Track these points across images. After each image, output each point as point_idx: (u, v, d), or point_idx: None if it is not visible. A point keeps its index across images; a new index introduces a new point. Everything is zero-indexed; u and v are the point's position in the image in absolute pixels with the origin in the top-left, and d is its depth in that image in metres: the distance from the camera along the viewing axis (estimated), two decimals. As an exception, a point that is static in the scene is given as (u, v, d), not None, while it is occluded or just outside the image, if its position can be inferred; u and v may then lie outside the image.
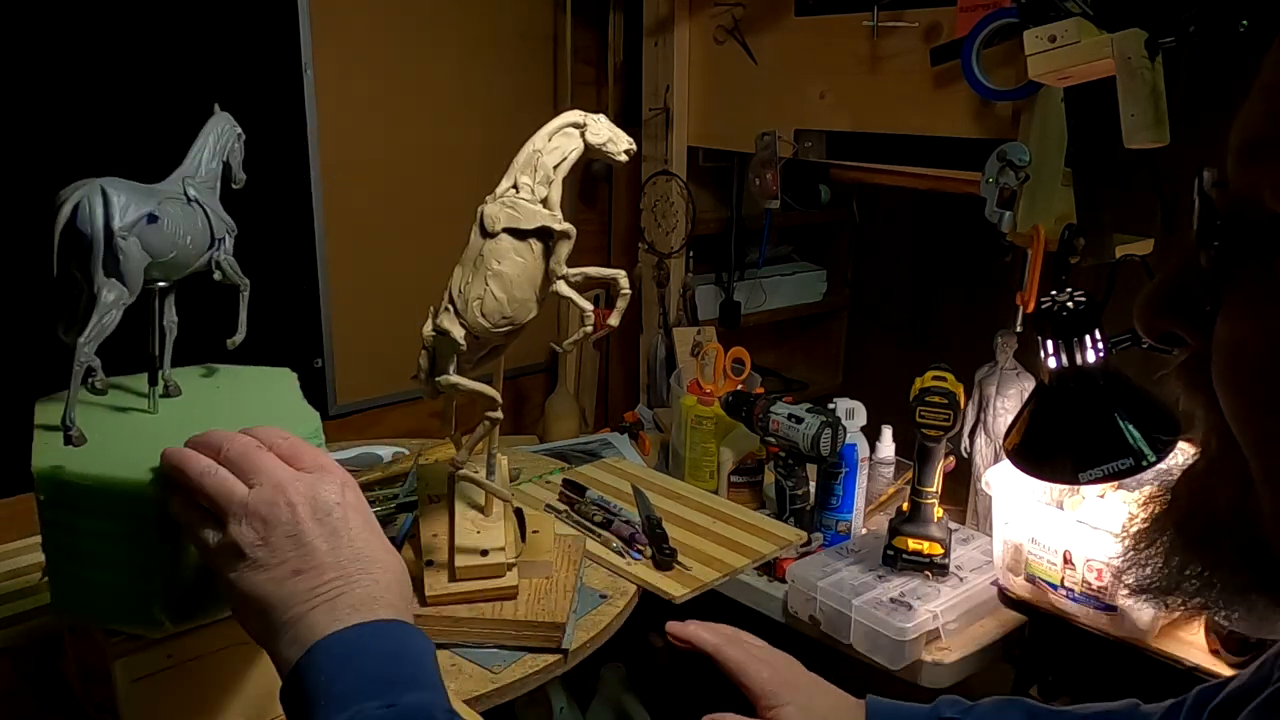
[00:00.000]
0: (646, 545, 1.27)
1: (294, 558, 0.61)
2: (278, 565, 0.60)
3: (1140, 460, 0.90)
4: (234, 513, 0.62)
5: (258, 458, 0.64)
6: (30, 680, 0.86)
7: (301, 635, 0.59)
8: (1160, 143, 1.15)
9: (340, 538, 0.62)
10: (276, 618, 0.60)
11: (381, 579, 0.62)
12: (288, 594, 0.60)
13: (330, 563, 0.61)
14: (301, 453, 0.66)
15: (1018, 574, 1.32)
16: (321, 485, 0.64)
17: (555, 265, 0.94)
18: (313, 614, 0.59)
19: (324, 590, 0.60)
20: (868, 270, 2.36)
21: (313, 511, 0.62)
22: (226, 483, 0.63)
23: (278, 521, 0.61)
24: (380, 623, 0.60)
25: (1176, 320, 0.40)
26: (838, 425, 1.45)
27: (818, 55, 1.67)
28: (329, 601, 0.60)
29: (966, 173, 1.47)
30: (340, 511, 0.63)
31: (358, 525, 0.64)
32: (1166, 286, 0.41)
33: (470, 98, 1.91)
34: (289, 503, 0.62)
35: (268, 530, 0.61)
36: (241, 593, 0.61)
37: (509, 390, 1.80)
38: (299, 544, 0.61)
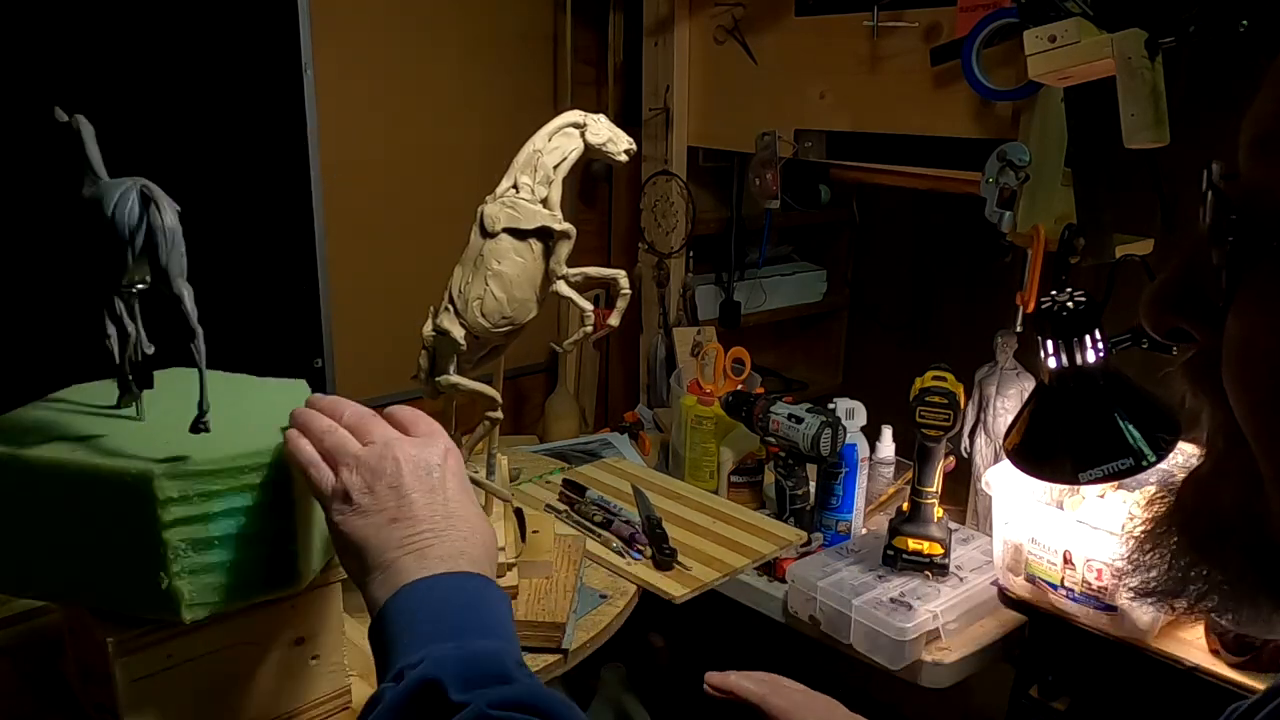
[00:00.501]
0: (646, 545, 1.27)
1: (393, 507, 0.66)
2: (378, 512, 0.66)
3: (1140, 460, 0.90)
4: (346, 463, 0.68)
5: (372, 422, 0.71)
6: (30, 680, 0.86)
7: (392, 578, 0.63)
8: (1160, 143, 1.15)
9: (436, 495, 0.67)
10: (371, 560, 0.64)
11: (470, 537, 0.67)
12: (384, 539, 0.65)
13: (425, 515, 0.66)
14: (417, 421, 0.73)
15: (1018, 574, 1.32)
16: (427, 448, 0.70)
17: (555, 265, 0.94)
18: (404, 559, 0.64)
19: (417, 539, 0.65)
20: (868, 270, 2.36)
21: (415, 469, 0.68)
22: (344, 439, 0.69)
23: (383, 473, 0.67)
24: (465, 574, 0.64)
25: (1185, 316, 0.39)
26: (838, 425, 1.46)
27: (818, 55, 1.67)
28: (419, 550, 0.64)
29: (966, 173, 1.47)
30: (440, 473, 0.69)
31: (454, 487, 0.69)
32: (1175, 282, 0.40)
33: (470, 98, 1.91)
34: (395, 458, 0.67)
35: (373, 479, 0.66)
36: (344, 533, 0.66)
37: (509, 390, 1.80)
38: (399, 495, 0.66)
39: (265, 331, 1.66)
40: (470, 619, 0.63)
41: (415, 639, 0.60)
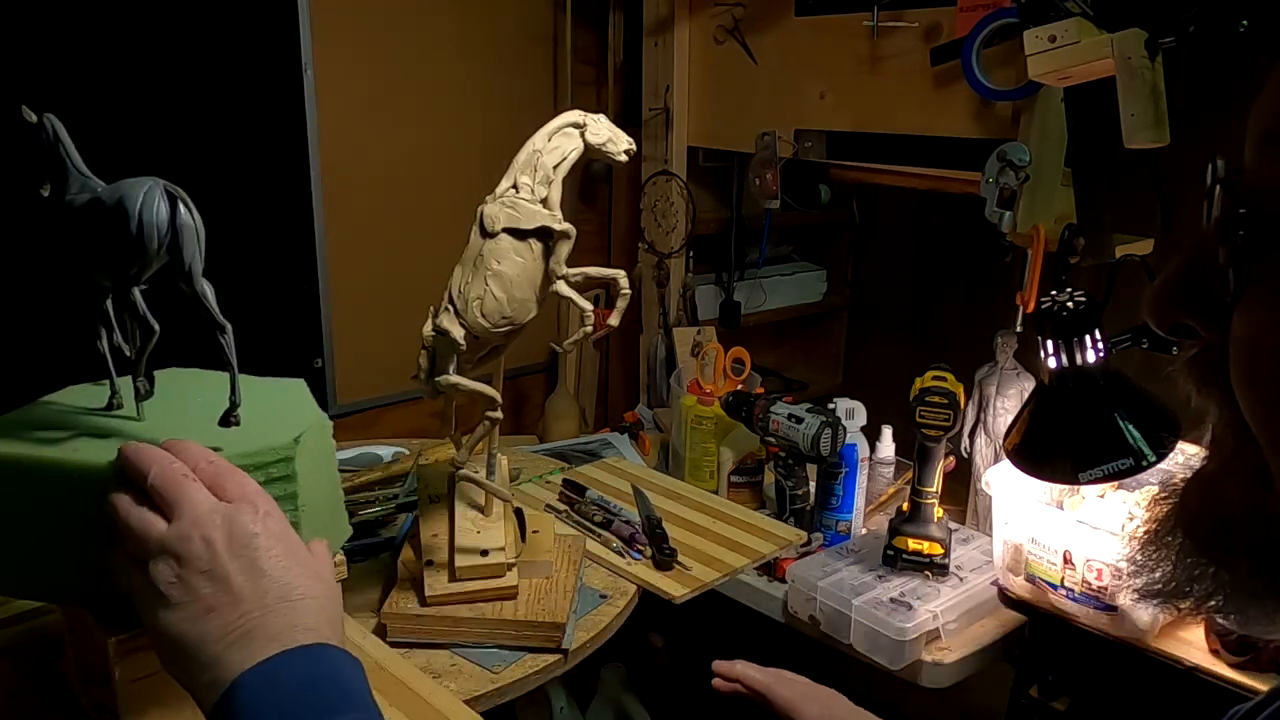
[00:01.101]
0: (646, 545, 1.27)
1: (209, 594, 0.59)
2: (192, 603, 0.59)
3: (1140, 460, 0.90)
4: (151, 552, 0.61)
5: (179, 488, 0.63)
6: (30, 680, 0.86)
7: (220, 675, 0.57)
8: (1160, 143, 1.15)
9: (259, 568, 0.60)
10: (194, 659, 0.58)
11: (303, 605, 0.61)
12: (202, 633, 0.58)
13: (248, 595, 0.59)
14: (224, 478, 0.65)
15: (1018, 574, 1.32)
16: (240, 515, 0.62)
17: (555, 265, 0.94)
18: (229, 651, 0.57)
19: (239, 625, 0.58)
20: (868, 270, 2.36)
21: (229, 544, 0.61)
22: (145, 521, 0.62)
23: (193, 558, 0.60)
24: (301, 649, 0.58)
25: (1190, 312, 0.39)
26: (838, 425, 1.45)
27: (818, 55, 1.67)
28: (244, 635, 0.58)
29: (966, 173, 1.47)
30: (259, 541, 0.61)
31: (279, 553, 0.62)
32: (1180, 278, 0.39)
33: (470, 98, 1.91)
34: (205, 538, 0.60)
35: (183, 568, 0.60)
36: (159, 633, 0.60)
37: (509, 390, 1.80)
38: (213, 579, 0.59)
39: (265, 331, 1.66)
40: (320, 700, 0.56)
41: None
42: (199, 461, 0.65)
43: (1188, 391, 0.41)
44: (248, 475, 0.67)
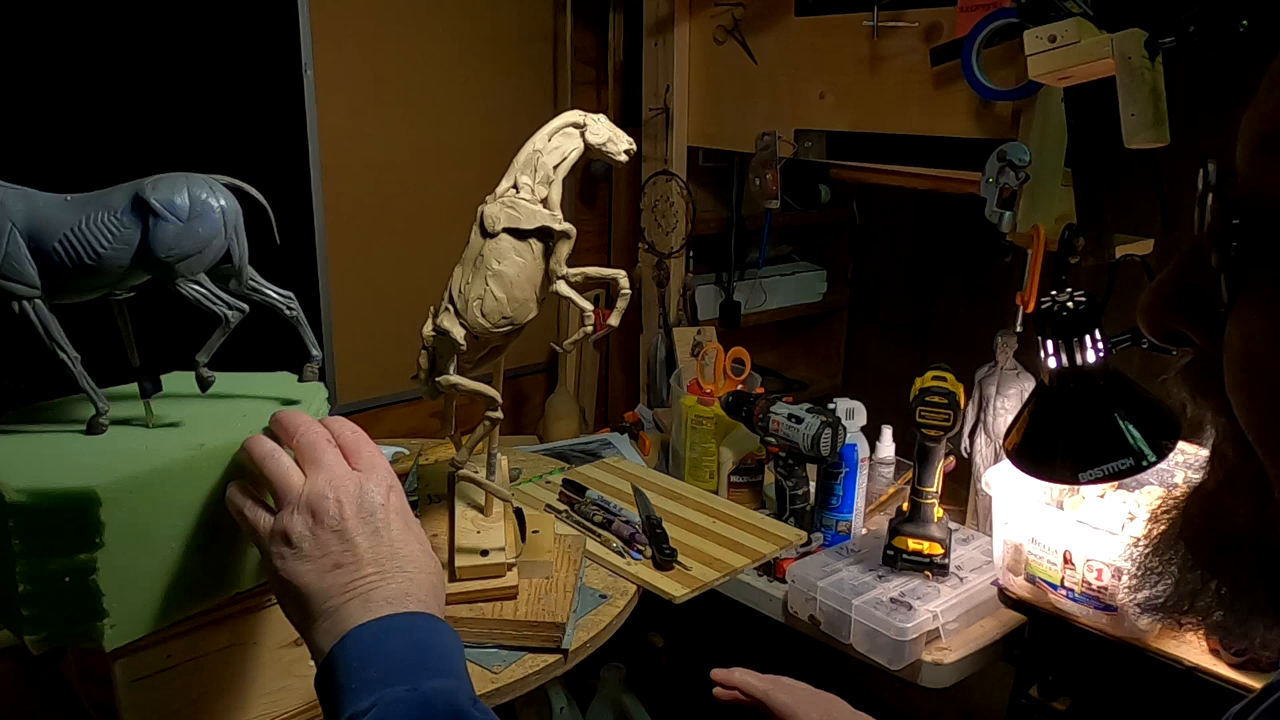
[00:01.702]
0: (646, 545, 1.27)
1: (337, 552, 0.64)
2: (321, 557, 0.63)
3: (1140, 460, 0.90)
4: (288, 502, 0.65)
5: (321, 451, 0.68)
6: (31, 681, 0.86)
7: (337, 625, 0.61)
8: (1160, 143, 1.15)
9: (381, 536, 0.65)
10: (315, 606, 0.63)
11: (416, 577, 0.65)
12: (327, 585, 0.63)
13: (369, 559, 0.64)
14: (361, 449, 0.70)
15: (1018, 574, 1.32)
16: (370, 485, 0.67)
17: (555, 265, 0.94)
18: (348, 605, 0.62)
19: (361, 584, 0.63)
20: (868, 270, 2.36)
21: (358, 510, 0.65)
22: (286, 472, 0.67)
23: (325, 515, 0.64)
24: (411, 614, 0.63)
25: (1184, 319, 0.39)
26: (838, 425, 1.45)
27: (818, 55, 1.67)
28: (364, 595, 0.63)
29: (966, 173, 1.47)
30: (384, 513, 0.66)
31: (398, 527, 0.67)
32: (1172, 285, 0.39)
33: (470, 98, 1.91)
34: (338, 499, 0.65)
35: (315, 524, 0.64)
36: (285, 579, 0.64)
37: (509, 390, 1.80)
38: (343, 539, 0.64)
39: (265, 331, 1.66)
40: (419, 660, 0.61)
41: (364, 685, 0.58)
42: (343, 430, 0.71)
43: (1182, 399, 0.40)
44: (380, 451, 0.71)
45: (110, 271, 0.73)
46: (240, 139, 1.61)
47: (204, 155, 1.56)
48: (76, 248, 0.71)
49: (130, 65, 1.49)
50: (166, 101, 1.52)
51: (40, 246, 0.70)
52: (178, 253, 0.73)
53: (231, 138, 1.60)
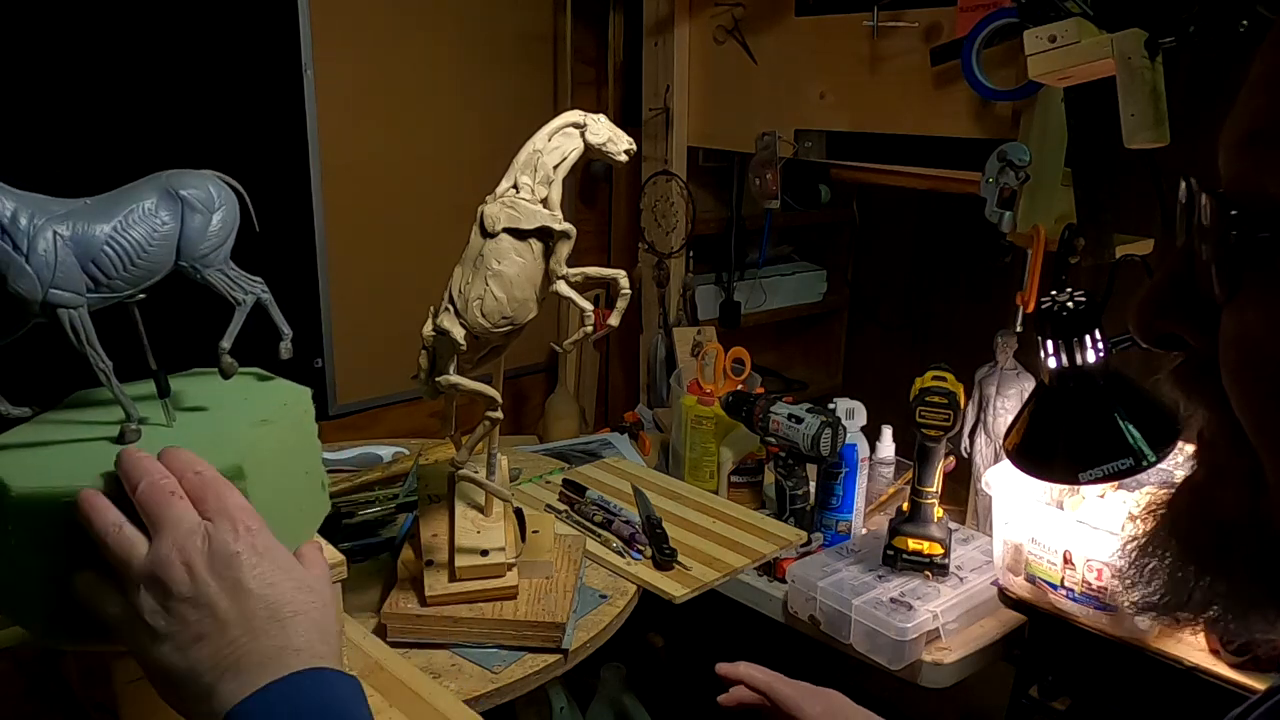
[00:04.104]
0: (646, 545, 1.27)
1: (195, 622, 0.57)
2: (179, 633, 0.57)
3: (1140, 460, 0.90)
4: (132, 580, 0.58)
5: (163, 505, 0.60)
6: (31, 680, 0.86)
7: (214, 708, 0.55)
8: (1160, 143, 1.15)
9: (243, 588, 0.58)
10: (188, 691, 0.57)
11: (293, 623, 0.59)
12: (193, 663, 0.57)
13: (233, 619, 0.57)
14: (207, 491, 0.62)
15: (1018, 574, 1.32)
16: (218, 533, 0.60)
17: (555, 265, 0.94)
18: (221, 682, 0.56)
19: (229, 652, 0.57)
20: (868, 270, 2.37)
21: (210, 566, 0.58)
22: (126, 544, 0.59)
23: (174, 584, 0.57)
24: (294, 675, 0.56)
25: (1177, 320, 0.39)
26: (838, 425, 1.45)
27: (818, 55, 1.67)
28: (234, 664, 0.56)
29: (966, 173, 1.47)
30: (242, 559, 0.59)
31: (264, 569, 0.60)
32: (1165, 287, 0.40)
33: (470, 98, 1.91)
34: (186, 562, 0.58)
35: (165, 596, 0.57)
36: (151, 667, 0.58)
37: (509, 390, 1.80)
38: (197, 606, 0.57)
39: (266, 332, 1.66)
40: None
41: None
42: (186, 472, 0.63)
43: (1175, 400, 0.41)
44: (232, 486, 0.64)
45: (156, 269, 0.74)
46: (240, 139, 1.61)
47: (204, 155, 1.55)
48: (125, 249, 0.71)
49: (130, 65, 1.49)
50: (167, 101, 1.52)
51: (85, 252, 0.70)
52: (213, 243, 0.75)
53: (231, 138, 1.60)
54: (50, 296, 0.68)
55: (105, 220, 0.71)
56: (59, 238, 0.68)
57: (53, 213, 0.69)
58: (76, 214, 0.70)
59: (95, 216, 0.71)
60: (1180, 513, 0.43)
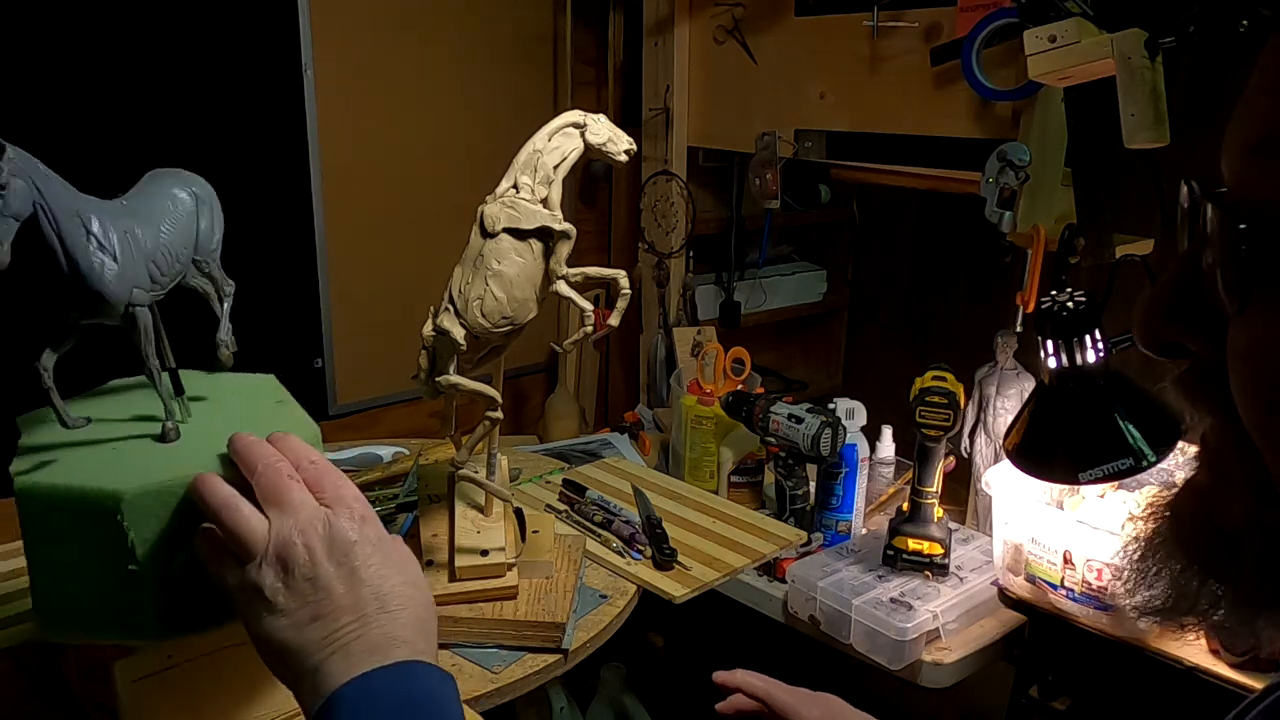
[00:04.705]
0: (646, 545, 1.27)
1: (313, 602, 0.60)
2: (296, 610, 0.60)
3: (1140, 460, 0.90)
4: (255, 555, 0.61)
5: (284, 489, 0.63)
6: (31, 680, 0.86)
7: (320, 684, 0.58)
8: (1160, 143, 1.15)
9: (358, 577, 0.61)
10: (298, 665, 0.59)
11: (400, 616, 0.61)
12: (305, 641, 0.59)
13: (347, 605, 0.60)
14: (324, 480, 0.65)
15: (1018, 574, 1.32)
16: (339, 521, 0.62)
17: (555, 265, 0.94)
18: (329, 662, 0.58)
19: (340, 635, 0.59)
20: (868, 270, 2.37)
21: (329, 552, 0.61)
22: (247, 522, 0.62)
23: (296, 564, 0.60)
24: (397, 665, 0.59)
25: (1183, 328, 0.39)
26: (838, 425, 1.45)
27: (818, 55, 1.67)
28: (344, 647, 0.59)
29: (966, 173, 1.47)
30: (358, 549, 0.62)
31: (377, 561, 0.63)
32: (1170, 296, 0.39)
33: (470, 98, 1.91)
34: (307, 545, 0.61)
35: (286, 574, 0.60)
36: (264, 638, 0.60)
37: (509, 390, 1.80)
38: (316, 587, 0.60)
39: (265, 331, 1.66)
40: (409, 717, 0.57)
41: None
42: (301, 460, 0.65)
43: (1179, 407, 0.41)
44: (346, 477, 0.66)
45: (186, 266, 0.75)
46: (240, 139, 1.62)
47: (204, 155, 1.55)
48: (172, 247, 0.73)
49: (130, 65, 1.49)
50: (167, 101, 1.52)
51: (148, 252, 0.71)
52: (219, 238, 0.77)
53: (231, 137, 1.60)
54: (133, 297, 0.69)
55: (152, 220, 0.72)
56: (130, 238, 0.69)
57: (109, 212, 0.69)
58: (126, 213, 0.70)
59: (140, 216, 0.71)
60: (1183, 516, 0.42)
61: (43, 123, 1.41)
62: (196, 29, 1.54)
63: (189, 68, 1.54)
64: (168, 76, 1.53)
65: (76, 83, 1.44)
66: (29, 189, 0.62)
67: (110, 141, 1.47)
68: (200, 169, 0.78)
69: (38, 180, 0.63)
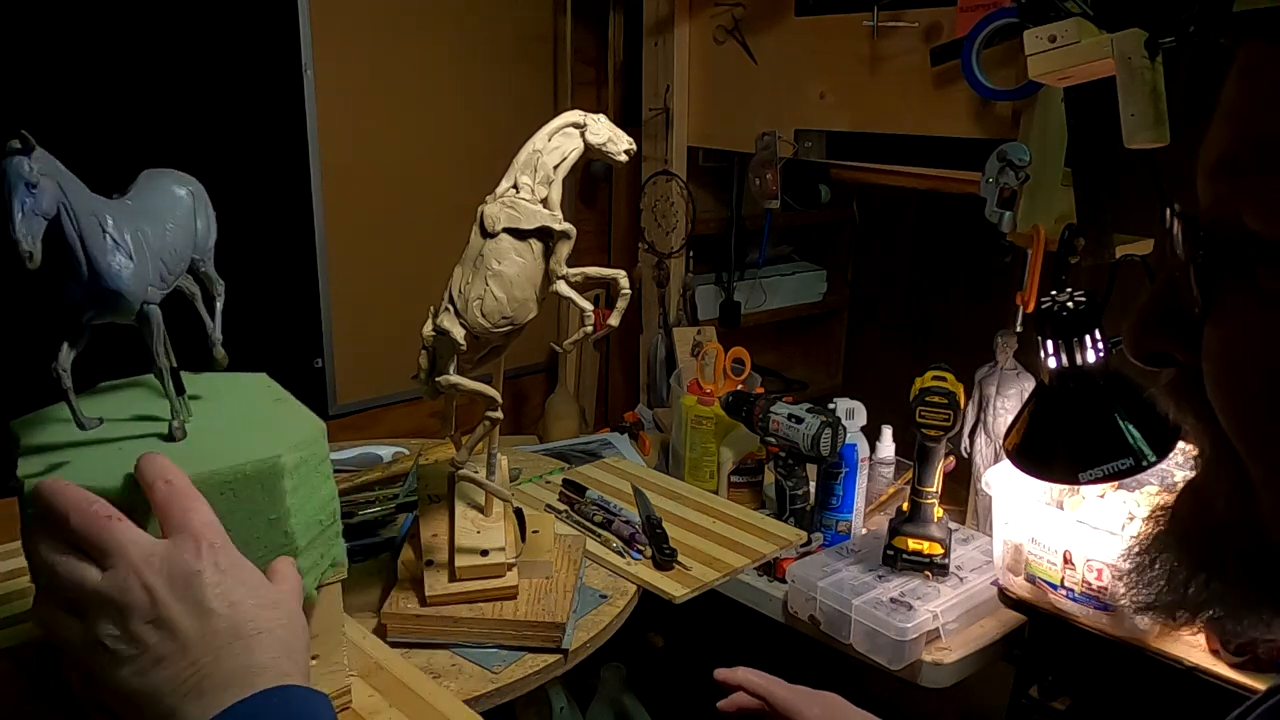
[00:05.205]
0: (646, 545, 1.27)
1: (156, 643, 0.55)
2: (140, 656, 0.55)
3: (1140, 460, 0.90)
4: (89, 604, 0.56)
5: (106, 533, 0.57)
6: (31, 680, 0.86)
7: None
8: (1160, 143, 1.15)
9: (206, 607, 0.57)
10: (153, 714, 0.55)
11: (259, 640, 0.57)
12: (154, 686, 0.55)
13: (196, 639, 0.56)
14: (172, 504, 0.60)
15: (1018, 574, 1.32)
16: (179, 553, 0.58)
17: (555, 265, 0.94)
18: (184, 706, 0.54)
19: (192, 674, 0.55)
20: (868, 270, 2.37)
21: (171, 587, 0.56)
22: (76, 571, 0.57)
23: (134, 607, 0.56)
24: (259, 695, 0.55)
25: (1166, 336, 0.41)
26: (838, 425, 1.45)
27: (818, 55, 1.67)
28: (197, 685, 0.55)
29: (966, 173, 1.47)
30: (203, 579, 0.57)
31: (227, 585, 0.58)
32: (1153, 306, 0.42)
33: (470, 98, 1.91)
34: (145, 584, 0.56)
35: (125, 619, 0.56)
36: (114, 693, 0.56)
37: (509, 390, 1.80)
38: (159, 628, 0.56)
39: (265, 331, 1.66)
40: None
41: None
42: (156, 480, 0.61)
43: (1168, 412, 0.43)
44: (201, 499, 0.62)
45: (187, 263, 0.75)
46: (240, 139, 1.62)
47: (204, 155, 1.56)
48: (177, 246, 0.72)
49: (130, 65, 1.49)
50: (167, 101, 1.52)
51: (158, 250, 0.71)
52: (214, 237, 0.77)
53: (231, 138, 1.60)
54: (147, 295, 0.69)
55: (159, 219, 0.71)
56: (141, 236, 0.69)
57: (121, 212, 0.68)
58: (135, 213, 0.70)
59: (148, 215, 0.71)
60: (1180, 514, 0.44)
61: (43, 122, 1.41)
62: (196, 29, 1.54)
63: (189, 68, 1.54)
64: (168, 76, 1.53)
65: (77, 82, 1.44)
66: (56, 189, 0.62)
67: (110, 141, 1.47)
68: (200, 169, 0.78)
69: (61, 180, 0.63)
